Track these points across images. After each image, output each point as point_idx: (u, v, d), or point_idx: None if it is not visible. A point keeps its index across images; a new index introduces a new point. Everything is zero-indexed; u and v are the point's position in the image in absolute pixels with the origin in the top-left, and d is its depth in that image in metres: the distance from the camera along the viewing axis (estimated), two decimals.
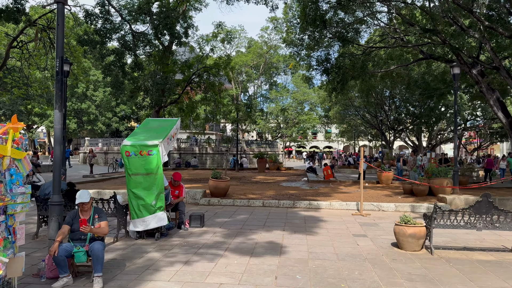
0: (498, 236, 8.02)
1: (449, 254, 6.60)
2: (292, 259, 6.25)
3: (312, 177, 19.94)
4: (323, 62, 27.67)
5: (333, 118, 50.22)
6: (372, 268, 5.79)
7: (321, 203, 11.43)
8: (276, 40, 48.58)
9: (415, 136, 48.79)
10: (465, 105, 42.87)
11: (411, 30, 25.78)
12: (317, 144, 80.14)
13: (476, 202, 6.53)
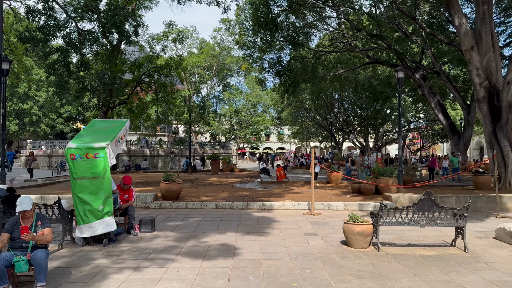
0: (439, 231, 8.49)
1: (394, 250, 6.89)
2: (245, 260, 6.25)
3: (266, 178, 20.10)
4: (275, 64, 28.04)
5: (285, 119, 51.03)
6: (323, 266, 5.92)
7: (274, 204, 11.54)
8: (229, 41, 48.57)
9: (363, 137, 50.70)
10: (408, 107, 45.03)
11: (358, 35, 26.76)
12: (270, 145, 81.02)
13: (419, 200, 6.88)
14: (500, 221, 9.65)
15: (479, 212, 11.27)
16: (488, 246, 7.30)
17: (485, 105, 15.11)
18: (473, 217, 10.36)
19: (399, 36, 26.10)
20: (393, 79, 35.24)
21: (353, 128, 47.79)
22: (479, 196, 11.89)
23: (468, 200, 9.37)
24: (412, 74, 27.10)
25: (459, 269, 5.82)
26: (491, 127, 15.12)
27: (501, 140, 14.81)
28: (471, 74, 15.17)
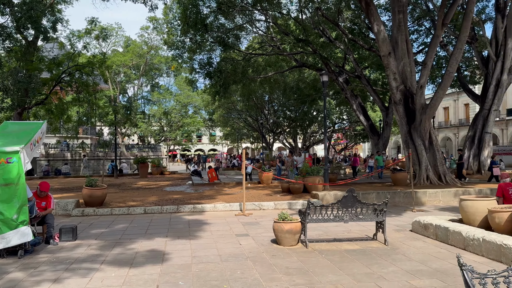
0: (362, 226, 8.98)
1: (321, 246, 7.16)
2: (175, 265, 6.09)
3: (197, 181, 19.85)
4: (206, 65, 27.85)
5: (217, 121, 50.93)
6: (253, 266, 5.96)
7: (206, 206, 11.42)
8: (157, 40, 47.32)
9: (292, 138, 52.24)
10: (333, 109, 47.17)
11: (286, 39, 27.53)
12: (202, 147, 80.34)
13: (342, 197, 7.22)
14: (416, 215, 10.47)
15: (397, 206, 12.14)
16: (406, 238, 7.87)
17: (401, 107, 16.32)
18: (392, 211, 11.12)
19: (323, 41, 27.28)
20: (319, 82, 36.77)
21: (283, 129, 49.05)
22: (397, 192, 12.81)
23: (387, 196, 10.03)
24: (336, 78, 28.48)
25: (380, 262, 6.19)
26: (407, 128, 16.38)
27: (415, 139, 16.08)
28: (388, 78, 16.29)
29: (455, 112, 51.22)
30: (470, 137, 22.26)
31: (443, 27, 15.52)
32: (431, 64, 16.85)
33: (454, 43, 28.32)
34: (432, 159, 15.95)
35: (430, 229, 7.78)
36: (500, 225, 6.75)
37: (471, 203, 7.49)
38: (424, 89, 16.09)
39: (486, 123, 21.63)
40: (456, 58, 15.05)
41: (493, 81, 20.99)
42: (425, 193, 12.69)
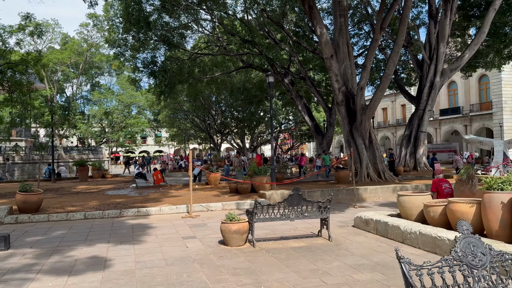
0: (308, 224, 9.17)
1: (269, 245, 7.21)
2: (117, 271, 5.84)
3: (142, 183, 19.26)
4: (150, 64, 27.13)
5: (162, 122, 49.79)
6: (200, 268, 5.87)
7: (151, 209, 11.10)
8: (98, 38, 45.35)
9: (240, 139, 52.40)
10: (280, 110, 47.89)
11: (232, 39, 27.54)
12: (147, 148, 78.19)
13: (288, 195, 7.33)
14: (358, 211, 10.88)
15: (340, 203, 12.56)
16: (348, 233, 8.15)
17: (343, 107, 16.92)
18: (335, 208, 11.48)
19: (269, 42, 27.65)
20: (266, 83, 37.16)
21: (231, 130, 49.05)
22: (340, 189, 13.27)
23: (331, 193, 10.33)
24: (281, 79, 28.95)
25: (324, 257, 6.35)
26: (348, 127, 17.01)
27: (356, 138, 16.75)
28: (331, 80, 16.83)
29: (393, 113, 54.05)
30: (407, 136, 23.58)
31: (381, 31, 16.31)
32: (370, 66, 17.64)
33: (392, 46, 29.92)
34: (372, 157, 16.69)
35: (371, 224, 8.12)
36: (434, 219, 7.19)
37: (407, 198, 7.92)
38: (364, 90, 16.80)
39: (421, 122, 23.02)
40: (393, 61, 15.89)
41: (427, 83, 22.39)
42: (366, 190, 13.26)
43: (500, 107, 37.05)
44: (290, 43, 26.94)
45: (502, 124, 36.51)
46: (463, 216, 6.53)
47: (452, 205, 6.72)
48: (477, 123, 40.46)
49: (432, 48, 22.07)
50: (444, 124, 44.51)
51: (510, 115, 36.92)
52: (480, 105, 40.29)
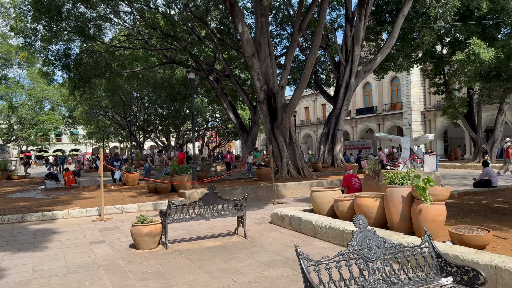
0: (226, 222, 9.07)
1: (183, 246, 7.01)
2: (10, 283, 5.28)
3: (51, 185, 17.84)
4: (63, 57, 25.27)
5: (79, 118, 46.70)
6: (106, 275, 5.50)
7: (58, 213, 10.27)
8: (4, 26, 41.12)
9: (165, 136, 51.01)
10: (206, 107, 47.45)
11: (154, 34, 26.62)
12: (63, 147, 72.94)
13: (204, 194, 7.19)
14: (276, 207, 11.06)
15: (260, 200, 12.70)
16: (265, 230, 8.22)
17: (265, 106, 17.16)
18: (255, 205, 11.58)
19: (193, 39, 27.19)
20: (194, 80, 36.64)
21: (155, 127, 47.53)
22: (260, 186, 13.42)
23: (247, 191, 10.38)
24: (206, 76, 28.64)
25: (238, 255, 6.31)
26: (270, 125, 17.29)
27: (277, 136, 17.09)
28: (253, 79, 16.97)
29: (314, 111, 56.34)
30: (325, 134, 24.63)
31: (300, 32, 16.79)
32: (290, 66, 18.09)
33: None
34: (292, 155, 17.15)
35: (286, 220, 8.28)
36: (343, 213, 7.51)
37: (320, 193, 8.19)
38: (284, 89, 17.18)
39: (338, 121, 24.15)
40: (311, 62, 16.44)
41: (343, 83, 23.54)
42: (285, 186, 13.57)
43: (409, 107, 40.30)
44: (214, 40, 26.74)
45: (411, 123, 39.76)
46: (368, 209, 6.90)
47: (358, 199, 7.07)
48: (389, 121, 43.62)
49: (348, 50, 23.23)
50: (360, 123, 47.36)
51: (418, 115, 40.32)
52: (392, 105, 43.50)
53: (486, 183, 11.31)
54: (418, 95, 40.36)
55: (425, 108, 40.14)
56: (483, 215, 7.59)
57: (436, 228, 5.98)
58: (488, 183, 11.29)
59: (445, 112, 24.66)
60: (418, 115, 40.31)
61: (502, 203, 9.05)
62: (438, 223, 5.97)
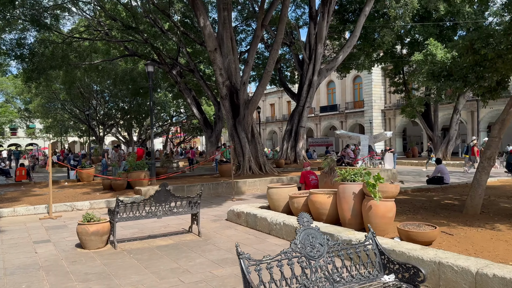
0: (181, 219, 8.89)
1: (132, 246, 6.76)
2: None
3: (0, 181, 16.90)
4: (17, 46, 24.00)
5: (35, 111, 44.64)
6: (46, 276, 5.20)
7: (2, 211, 9.70)
8: None
9: (127, 131, 49.70)
10: (170, 102, 46.59)
11: (114, 25, 25.79)
12: (18, 141, 69.58)
13: (155, 192, 6.96)
14: (235, 204, 10.95)
15: (220, 197, 12.55)
16: (220, 227, 8.09)
17: (227, 101, 16.98)
18: (214, 202, 11.43)
19: (156, 31, 26.55)
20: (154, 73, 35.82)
21: (116, 122, 46.20)
22: (220, 182, 13.26)
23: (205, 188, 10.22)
24: (169, 70, 28.08)
25: (189, 254, 6.15)
26: (232, 121, 17.14)
27: (240, 132, 16.97)
28: (215, 74, 16.74)
29: (280, 108, 56.66)
30: (288, 130, 24.75)
31: (262, 28, 16.71)
32: (253, 62, 17.99)
33: None
34: (254, 151, 17.09)
35: (242, 217, 8.18)
36: (298, 209, 7.49)
37: (276, 190, 8.15)
38: (246, 85, 17.06)
39: (301, 118, 24.32)
40: (273, 58, 16.40)
41: (306, 81, 23.71)
42: (245, 183, 13.49)
43: (370, 106, 41.27)
44: (178, 33, 26.23)
45: (371, 121, 40.75)
46: (322, 206, 6.92)
47: (312, 196, 7.07)
48: (351, 119, 44.52)
49: (312, 48, 23.41)
50: (323, 120, 48.07)
51: (378, 113, 41.37)
52: (354, 103, 44.41)
53: (439, 180, 11.69)
54: (379, 94, 41.40)
55: (385, 107, 41.23)
56: (433, 211, 7.80)
57: (386, 224, 6.06)
58: (440, 180, 11.67)
59: (404, 111, 25.40)
60: (378, 113, 41.36)
61: (452, 199, 9.36)
62: (387, 219, 6.06)
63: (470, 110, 31.92)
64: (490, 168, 7.47)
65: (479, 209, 7.38)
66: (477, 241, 5.48)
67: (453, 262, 4.35)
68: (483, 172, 7.35)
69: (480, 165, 7.43)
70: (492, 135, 7.35)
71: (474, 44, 7.01)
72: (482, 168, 7.36)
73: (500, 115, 7.38)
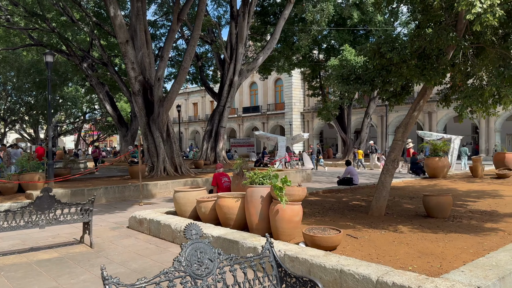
0: (75, 228, 7.90)
1: (7, 261, 5.75)
2: None
3: None
4: None
5: None
6: None
7: None
8: None
9: (33, 128, 45.40)
10: (82, 98, 43.52)
11: (15, 10, 23.23)
12: None
13: (36, 198, 6.01)
14: (142, 208, 10.15)
15: (127, 201, 11.61)
16: (119, 236, 7.31)
17: (140, 98, 15.96)
18: (118, 207, 10.49)
19: (66, 20, 24.43)
20: (62, 66, 32.95)
21: (20, 117, 41.88)
22: (127, 185, 12.28)
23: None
24: (79, 62, 26.01)
25: (74, 270, 5.35)
26: (146, 119, 16.16)
27: (154, 131, 16.04)
28: (127, 67, 15.63)
29: (203, 108, 55.80)
30: (208, 131, 24.21)
31: (178, 22, 15.97)
32: (168, 57, 17.16)
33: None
34: (169, 151, 16.28)
35: (145, 224, 7.49)
36: (206, 214, 7.01)
37: (183, 194, 7.58)
38: (161, 81, 16.20)
39: (221, 118, 23.92)
40: (190, 54, 15.75)
41: (227, 81, 23.36)
42: (156, 185, 12.67)
43: (290, 108, 42.26)
44: (90, 24, 24.36)
45: (291, 122, 41.73)
46: (229, 210, 6.51)
47: (219, 200, 6.63)
48: (272, 121, 45.23)
49: (233, 48, 23.13)
50: (246, 121, 48.26)
51: (298, 115, 42.50)
52: (276, 105, 45.18)
53: (348, 181, 11.99)
54: (299, 97, 42.57)
55: (304, 110, 42.50)
56: (341, 213, 7.81)
57: (292, 228, 5.82)
58: (350, 181, 11.97)
59: (320, 114, 26.22)
60: (298, 115, 42.51)
61: (360, 200, 9.56)
62: (294, 223, 5.82)
63: (380, 114, 34.05)
64: (394, 170, 7.65)
65: (383, 211, 7.53)
66: (380, 244, 5.45)
67: (355, 270, 4.17)
68: (388, 174, 7.51)
69: (384, 167, 7.58)
70: (396, 138, 7.54)
71: (381, 48, 7.11)
72: (386, 170, 7.51)
73: (404, 119, 7.61)
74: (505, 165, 14.41)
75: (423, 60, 6.95)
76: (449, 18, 6.82)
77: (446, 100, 7.73)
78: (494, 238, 5.60)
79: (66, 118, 50.06)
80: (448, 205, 7.15)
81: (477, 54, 7.30)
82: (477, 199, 9.32)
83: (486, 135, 29.88)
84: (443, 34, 6.33)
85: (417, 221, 6.85)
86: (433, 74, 6.66)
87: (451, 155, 17.49)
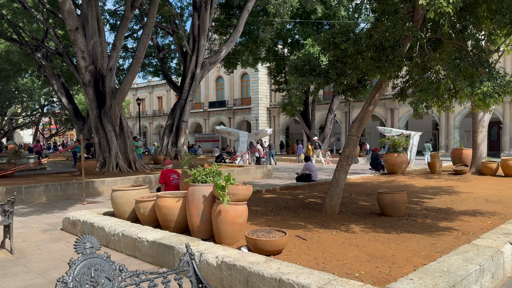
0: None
1: None
2: None
3: None
4: None
5: None
6: None
7: None
8: None
9: None
10: (39, 89, 41.42)
11: None
12: None
13: None
14: (85, 207, 9.39)
15: (69, 199, 10.75)
16: (48, 240, 6.58)
17: (91, 89, 15.01)
18: (58, 206, 9.68)
19: (18, 7, 22.89)
20: (15, 55, 31.02)
21: None
22: (71, 183, 11.40)
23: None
24: (31, 52, 24.47)
25: None
26: (97, 112, 15.24)
27: (106, 125, 15.15)
28: (76, 57, 14.64)
29: (167, 102, 54.45)
30: (169, 125, 23.38)
31: (132, 10, 15.08)
32: (121, 46, 16.29)
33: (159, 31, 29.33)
34: (123, 146, 15.45)
35: (78, 226, 6.79)
36: (145, 216, 6.41)
37: (121, 193, 6.91)
38: (114, 72, 15.29)
39: (183, 112, 23.14)
40: (143, 44, 14.92)
41: (189, 74, 22.59)
42: (104, 182, 11.84)
43: (257, 103, 41.81)
44: (44, 11, 22.91)
45: (257, 118, 41.31)
46: (169, 211, 5.94)
47: (159, 200, 6.04)
48: (239, 116, 44.64)
49: (195, 40, 22.36)
50: (212, 116, 47.44)
51: (264, 111, 42.12)
52: (242, 100, 44.61)
53: (307, 177, 11.65)
54: (265, 92, 42.19)
55: (270, 105, 42.18)
56: (295, 211, 7.41)
57: (236, 231, 5.32)
58: (308, 177, 11.64)
59: (284, 109, 25.89)
60: (264, 111, 42.14)
61: (316, 197, 9.21)
62: (237, 225, 5.32)
63: (344, 110, 34.19)
64: (349, 167, 7.31)
65: (337, 209, 7.18)
66: (329, 246, 5.06)
67: (294, 279, 3.71)
68: (342, 171, 7.15)
69: (338, 164, 7.22)
70: (350, 134, 7.19)
71: (336, 38, 6.71)
72: (340, 166, 7.16)
73: (359, 113, 7.27)
74: (462, 161, 14.54)
75: (379, 52, 6.61)
76: (406, 9, 6.50)
77: (402, 95, 7.45)
78: (448, 239, 5.33)
79: (22, 110, 47.59)
80: (403, 203, 6.88)
81: (434, 47, 7.04)
82: (433, 195, 9.18)
83: (445, 132, 30.57)
84: (399, 23, 6.00)
85: (371, 220, 6.53)
86: (388, 66, 6.32)
87: (410, 151, 17.57)
